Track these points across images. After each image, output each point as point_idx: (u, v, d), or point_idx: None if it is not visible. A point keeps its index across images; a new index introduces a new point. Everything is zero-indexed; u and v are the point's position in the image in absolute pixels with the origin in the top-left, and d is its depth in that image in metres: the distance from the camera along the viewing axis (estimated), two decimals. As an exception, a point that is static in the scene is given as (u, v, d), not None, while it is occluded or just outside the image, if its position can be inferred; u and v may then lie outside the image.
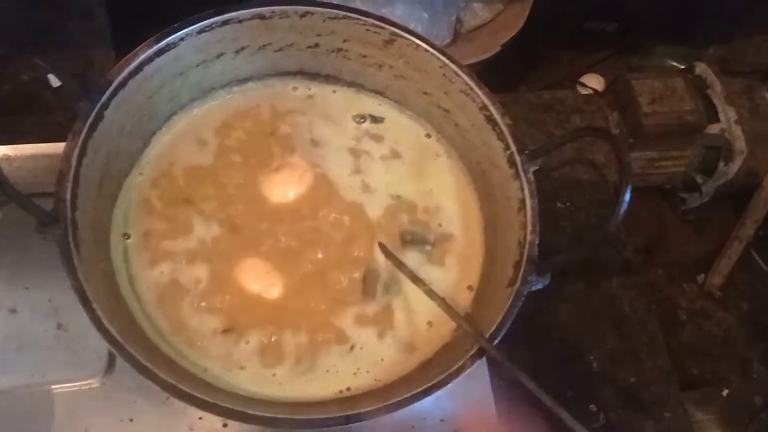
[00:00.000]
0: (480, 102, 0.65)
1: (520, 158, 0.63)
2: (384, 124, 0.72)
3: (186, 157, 0.66)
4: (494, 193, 0.66)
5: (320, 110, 0.71)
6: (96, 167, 0.58)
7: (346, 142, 0.70)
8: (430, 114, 0.71)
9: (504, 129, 0.64)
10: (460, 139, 0.70)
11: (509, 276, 0.60)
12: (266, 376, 0.58)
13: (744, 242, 1.21)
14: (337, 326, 0.62)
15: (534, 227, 0.60)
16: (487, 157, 0.67)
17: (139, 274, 0.60)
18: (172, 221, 0.63)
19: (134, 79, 0.60)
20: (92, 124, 0.57)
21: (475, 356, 0.55)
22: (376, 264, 0.64)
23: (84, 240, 0.55)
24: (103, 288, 0.55)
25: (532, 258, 0.59)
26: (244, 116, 0.68)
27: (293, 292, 0.62)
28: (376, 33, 0.66)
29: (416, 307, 0.63)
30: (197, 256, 0.62)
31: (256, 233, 0.64)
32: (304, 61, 0.70)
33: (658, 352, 0.89)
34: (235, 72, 0.69)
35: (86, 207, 0.56)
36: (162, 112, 0.66)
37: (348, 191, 0.68)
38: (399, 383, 0.59)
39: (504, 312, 0.57)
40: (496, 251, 0.65)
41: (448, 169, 0.71)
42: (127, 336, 0.52)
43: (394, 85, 0.71)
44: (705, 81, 1.16)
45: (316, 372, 0.60)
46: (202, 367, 0.57)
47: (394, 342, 0.62)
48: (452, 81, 0.66)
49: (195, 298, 0.60)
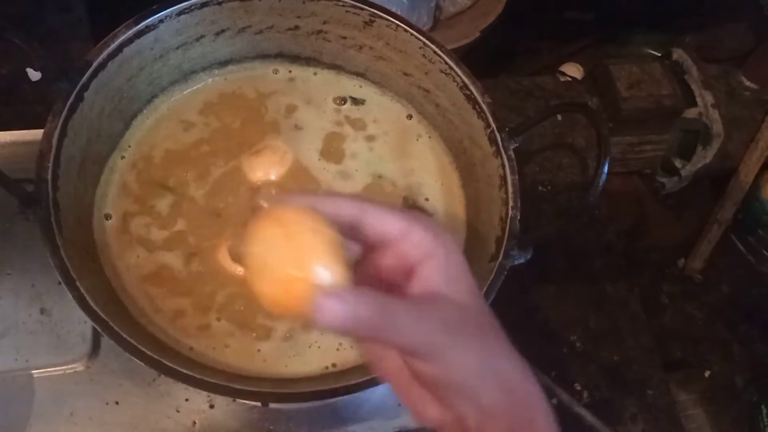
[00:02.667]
0: (460, 81, 0.66)
1: (500, 135, 0.63)
2: (365, 106, 0.72)
3: (167, 140, 0.66)
4: (476, 171, 0.67)
5: (301, 93, 0.71)
6: (77, 148, 0.58)
7: (326, 124, 0.70)
8: (411, 95, 0.72)
9: (484, 107, 0.64)
10: (441, 118, 0.70)
11: (491, 251, 0.60)
12: (251, 353, 0.58)
13: (723, 226, 1.22)
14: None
15: (515, 203, 0.61)
16: (468, 136, 0.67)
17: (121, 254, 0.60)
18: (153, 203, 0.63)
19: (114, 60, 0.60)
20: (72, 105, 0.57)
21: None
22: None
23: (66, 221, 0.55)
24: (86, 268, 0.55)
25: (514, 233, 0.60)
26: (225, 99, 0.69)
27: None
28: (355, 14, 0.67)
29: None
30: (178, 237, 0.62)
31: (238, 215, 0.64)
32: (285, 44, 0.70)
33: (640, 331, 0.90)
34: (216, 55, 0.69)
35: (68, 188, 0.56)
36: (143, 94, 0.66)
37: (327, 173, 0.68)
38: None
39: (487, 285, 0.57)
40: (478, 228, 0.66)
41: (429, 149, 0.71)
42: (111, 315, 0.52)
43: (374, 67, 0.71)
44: (682, 66, 1.17)
45: (299, 348, 0.60)
46: (186, 345, 0.58)
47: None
48: (432, 61, 0.67)
49: (176, 279, 0.60)
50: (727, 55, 1.23)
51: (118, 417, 0.63)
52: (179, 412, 0.63)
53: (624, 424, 0.83)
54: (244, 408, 0.65)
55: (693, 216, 1.26)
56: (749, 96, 1.16)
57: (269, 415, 0.65)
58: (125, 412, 0.63)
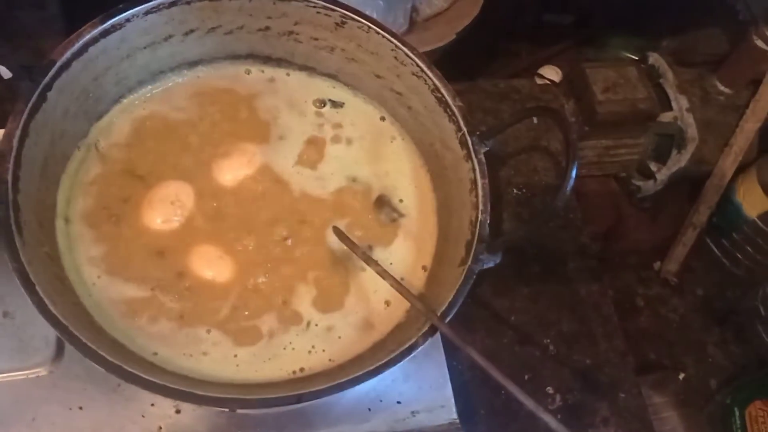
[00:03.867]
0: (431, 84, 0.65)
1: (471, 139, 0.63)
2: (344, 109, 0.72)
3: (134, 141, 0.65)
4: (447, 174, 0.67)
5: (280, 94, 0.71)
6: (39, 149, 0.57)
7: (304, 126, 0.70)
8: (383, 97, 0.71)
9: (455, 110, 0.64)
10: (413, 121, 0.70)
11: (461, 255, 0.60)
12: (226, 360, 0.58)
13: (698, 229, 1.23)
14: (293, 306, 0.61)
15: (485, 207, 0.61)
16: (440, 139, 0.67)
17: (84, 258, 0.59)
18: (118, 205, 0.62)
19: (79, 60, 0.59)
20: (35, 105, 0.56)
21: (427, 334, 0.55)
22: (331, 244, 0.64)
23: (27, 223, 0.54)
24: (48, 271, 0.54)
25: (483, 237, 0.60)
26: (195, 99, 0.68)
27: (246, 275, 0.61)
28: (326, 15, 0.66)
29: (374, 286, 0.63)
30: (144, 240, 0.61)
31: (205, 218, 0.63)
32: (255, 44, 0.70)
33: (613, 334, 0.90)
34: (185, 55, 0.68)
35: (29, 189, 0.55)
36: (109, 94, 0.65)
37: (300, 176, 0.68)
38: (353, 363, 0.59)
39: (456, 290, 0.57)
40: (449, 232, 0.65)
41: (403, 151, 0.71)
42: (73, 319, 0.51)
43: (346, 69, 0.71)
44: (658, 70, 1.18)
45: (273, 350, 0.59)
46: (151, 351, 0.57)
47: (351, 321, 0.62)
48: (404, 64, 0.66)
49: (140, 282, 0.59)
50: (702, 59, 1.24)
51: (81, 422, 0.62)
52: (144, 417, 0.62)
53: (596, 428, 0.84)
54: (211, 413, 0.64)
55: (668, 219, 1.27)
56: (723, 100, 1.17)
57: (237, 420, 0.64)
58: (89, 418, 0.62)
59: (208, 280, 0.61)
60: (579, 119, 1.10)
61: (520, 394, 0.50)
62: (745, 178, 1.19)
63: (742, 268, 1.27)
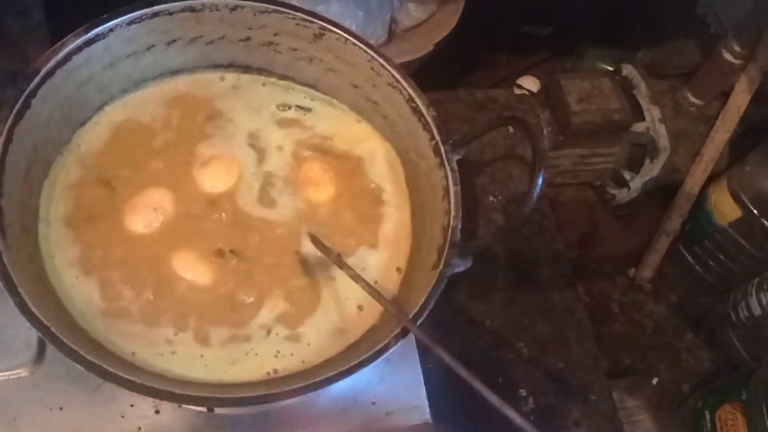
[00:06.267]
0: (406, 94, 0.67)
1: (444, 148, 0.65)
2: (311, 114, 0.73)
3: (115, 147, 0.66)
4: (421, 182, 0.69)
5: (244, 102, 0.72)
6: (23, 155, 0.58)
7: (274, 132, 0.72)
8: (360, 106, 0.73)
9: (429, 120, 0.66)
10: (389, 130, 0.72)
11: (434, 260, 0.62)
12: (194, 359, 0.59)
13: (671, 236, 1.26)
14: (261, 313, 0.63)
15: (457, 213, 0.63)
16: (414, 148, 0.69)
17: (64, 260, 0.60)
18: (96, 207, 0.63)
19: (62, 68, 0.61)
20: (19, 112, 0.57)
21: (398, 335, 0.57)
22: (304, 250, 0.66)
23: (10, 226, 0.55)
24: (30, 274, 0.56)
25: (455, 242, 0.61)
26: (173, 106, 0.69)
27: (219, 280, 0.63)
28: (305, 27, 0.68)
29: (346, 293, 0.65)
30: (123, 243, 0.62)
31: (185, 224, 0.64)
32: (236, 54, 0.71)
33: (585, 338, 0.92)
34: (167, 64, 0.70)
35: (12, 194, 0.56)
36: (92, 102, 0.66)
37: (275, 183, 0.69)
38: (326, 364, 0.60)
39: (427, 293, 0.59)
40: (422, 238, 0.67)
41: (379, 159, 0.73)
42: (55, 321, 0.52)
43: (324, 79, 0.73)
44: (631, 82, 1.21)
45: (239, 355, 0.60)
46: (129, 351, 0.58)
47: (322, 328, 0.63)
48: (380, 74, 0.69)
49: (117, 283, 0.60)
50: (674, 71, 1.27)
51: (62, 423, 0.63)
52: (124, 417, 0.64)
53: (568, 430, 0.86)
54: (190, 413, 0.65)
55: (643, 226, 1.30)
56: (694, 111, 1.20)
57: (215, 420, 0.65)
58: (69, 418, 0.63)
59: (182, 283, 0.62)
60: (554, 129, 1.13)
61: (485, 391, 0.52)
62: (716, 187, 1.22)
63: (714, 275, 1.30)
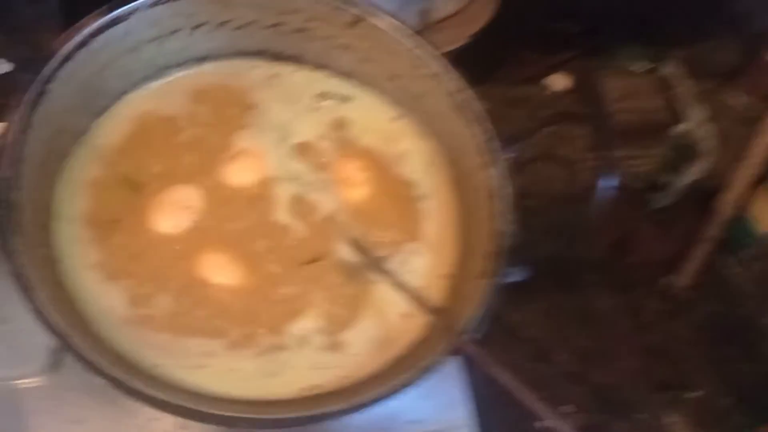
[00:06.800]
0: (450, 86, 0.62)
1: (492, 145, 0.60)
2: (350, 104, 0.68)
3: (137, 138, 0.61)
4: (466, 182, 0.64)
5: (281, 92, 0.67)
6: (40, 144, 0.53)
7: (309, 125, 0.66)
8: (400, 99, 0.68)
9: (475, 115, 0.61)
10: (431, 125, 0.67)
11: (483, 268, 0.57)
12: (225, 372, 0.54)
13: (710, 243, 1.21)
14: (299, 319, 0.58)
15: (507, 217, 0.58)
16: (459, 144, 0.64)
17: (83, 262, 0.55)
18: (122, 207, 0.58)
19: (81, 52, 0.56)
20: (36, 97, 0.53)
21: (445, 352, 0.52)
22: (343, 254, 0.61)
23: (26, 223, 0.50)
24: (46, 276, 0.51)
25: (505, 249, 0.57)
26: (200, 96, 0.64)
27: (253, 284, 0.58)
28: (340, 12, 0.63)
29: (391, 298, 0.60)
30: (148, 244, 0.57)
31: (214, 223, 0.60)
32: (266, 41, 0.66)
33: (629, 352, 0.87)
34: (192, 50, 0.65)
35: (28, 187, 0.52)
36: (112, 89, 0.62)
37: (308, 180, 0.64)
38: (369, 381, 0.55)
39: (475, 305, 0.54)
40: (470, 241, 0.62)
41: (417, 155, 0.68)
42: (72, 328, 0.48)
43: (360, 69, 0.68)
44: (671, 81, 1.16)
45: (275, 368, 0.56)
46: (152, 362, 0.53)
47: (365, 336, 0.58)
48: (421, 64, 0.63)
49: (141, 288, 0.56)
50: (716, 70, 1.21)
51: (78, 438, 0.58)
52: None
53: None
54: (217, 429, 0.60)
55: (680, 233, 1.24)
56: (739, 113, 1.15)
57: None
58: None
59: (214, 288, 0.57)
60: (590, 129, 1.08)
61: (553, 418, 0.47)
62: (759, 193, 1.17)
63: (753, 284, 1.24)
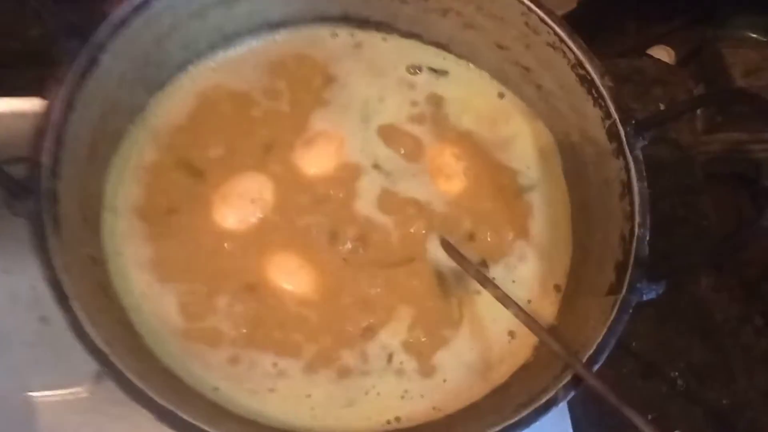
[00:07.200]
0: (573, 58, 0.52)
1: (624, 130, 0.49)
2: (447, 79, 0.58)
3: (201, 117, 0.53)
4: (587, 173, 0.53)
5: (367, 63, 0.58)
6: (87, 125, 0.46)
7: (398, 103, 0.57)
8: (505, 73, 0.58)
9: (603, 92, 0.51)
10: (543, 104, 0.56)
11: (610, 281, 0.47)
12: (297, 399, 0.46)
13: (834, 242, 1.07)
14: (382, 337, 0.49)
15: (643, 219, 0.47)
16: (579, 128, 0.53)
17: (133, 261, 0.48)
18: (180, 197, 0.50)
19: (140, 16, 0.48)
20: (84, 70, 0.45)
21: (569, 386, 0.42)
22: (435, 259, 0.51)
23: (67, 218, 0.43)
24: (88, 280, 0.43)
25: (642, 259, 0.46)
26: (275, 70, 0.56)
27: (329, 292, 0.49)
28: (440, -31, 0.53)
29: (492, 314, 0.50)
30: (210, 242, 0.49)
31: (286, 219, 0.51)
32: (351, 4, 0.57)
33: (754, 368, 0.75)
34: (266, 14, 0.56)
35: (72, 176, 0.44)
36: (174, 60, 0.53)
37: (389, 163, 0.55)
38: (465, 414, 0.46)
39: (606, 328, 0.44)
40: (590, 248, 0.52)
41: (527, 139, 0.58)
42: (117, 343, 0.40)
43: (460, 37, 0.58)
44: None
45: (356, 394, 0.47)
46: (211, 385, 0.45)
47: (460, 360, 0.49)
48: (537, 32, 0.53)
49: (201, 294, 0.48)
50: None
51: (123, 457, 0.51)
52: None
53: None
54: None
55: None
56: None
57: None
58: (132, 452, 0.51)
59: (283, 297, 0.49)
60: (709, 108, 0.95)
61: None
62: None
63: None
